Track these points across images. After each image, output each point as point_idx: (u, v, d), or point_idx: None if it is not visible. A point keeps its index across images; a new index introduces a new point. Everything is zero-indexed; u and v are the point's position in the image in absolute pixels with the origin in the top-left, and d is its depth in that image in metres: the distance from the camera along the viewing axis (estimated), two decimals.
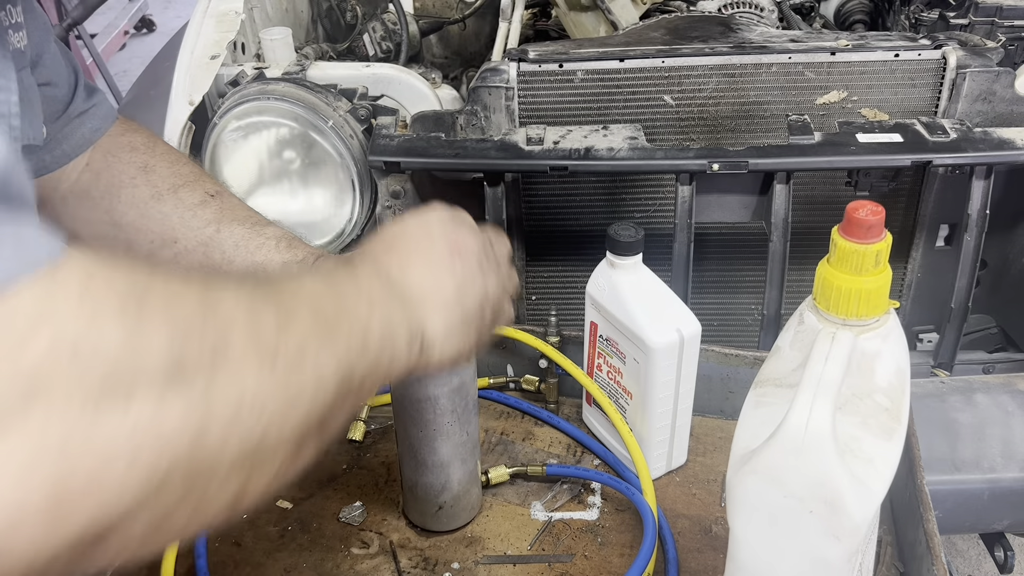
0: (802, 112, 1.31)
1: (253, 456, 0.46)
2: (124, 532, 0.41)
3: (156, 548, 0.45)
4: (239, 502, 0.47)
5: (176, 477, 0.41)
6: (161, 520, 0.42)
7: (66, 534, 0.38)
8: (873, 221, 0.61)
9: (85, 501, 0.38)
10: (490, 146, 1.28)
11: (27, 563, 0.37)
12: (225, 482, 0.45)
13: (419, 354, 0.64)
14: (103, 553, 0.41)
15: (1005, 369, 1.39)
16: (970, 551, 2.10)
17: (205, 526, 0.46)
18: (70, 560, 0.39)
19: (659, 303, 0.93)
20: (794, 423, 0.59)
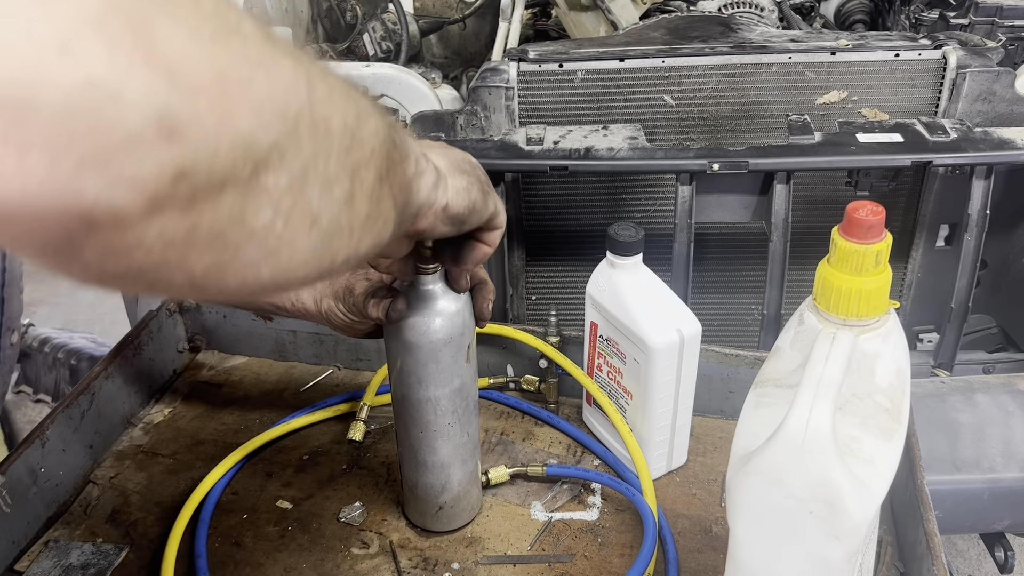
0: (802, 112, 1.31)
1: (352, 139, 0.44)
2: (274, 169, 0.37)
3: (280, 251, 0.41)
4: (350, 205, 0.44)
5: (303, 127, 0.39)
6: (298, 186, 0.39)
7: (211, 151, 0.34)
8: (873, 221, 0.61)
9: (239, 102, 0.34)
10: (490, 146, 1.28)
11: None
12: (338, 159, 0.42)
13: (435, 177, 0.61)
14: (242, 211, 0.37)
15: (1005, 369, 1.39)
16: (970, 551, 2.10)
17: (324, 236, 0.43)
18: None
19: (659, 303, 0.93)
20: (794, 423, 0.59)
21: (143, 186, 0.32)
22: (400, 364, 0.81)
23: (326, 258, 0.45)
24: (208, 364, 1.19)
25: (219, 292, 0.41)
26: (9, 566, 0.88)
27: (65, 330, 2.18)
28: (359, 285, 0.82)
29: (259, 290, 0.42)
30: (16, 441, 1.93)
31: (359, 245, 0.48)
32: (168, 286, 0.38)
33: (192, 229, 0.36)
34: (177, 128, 0.32)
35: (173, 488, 0.98)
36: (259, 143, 0.36)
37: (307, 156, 0.40)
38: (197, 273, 0.38)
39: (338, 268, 0.47)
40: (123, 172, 0.31)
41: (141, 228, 0.34)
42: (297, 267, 0.43)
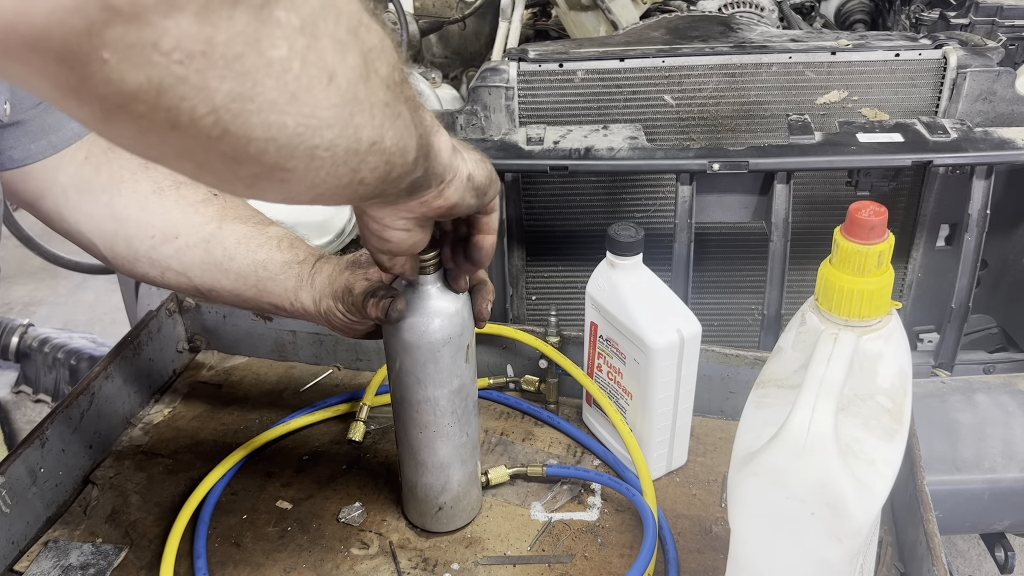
0: (802, 112, 1.31)
1: (359, 23, 0.45)
2: (285, 6, 0.39)
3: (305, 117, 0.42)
4: (366, 81, 0.46)
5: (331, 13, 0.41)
6: (309, 31, 0.41)
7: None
8: (876, 222, 0.60)
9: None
10: (490, 146, 1.28)
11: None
12: (348, 29, 0.44)
13: (452, 145, 0.61)
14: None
15: (1006, 369, 1.39)
16: (971, 551, 2.10)
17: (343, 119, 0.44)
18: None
19: (659, 303, 0.93)
20: (796, 424, 0.59)
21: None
22: (399, 364, 0.81)
23: (349, 129, 0.45)
24: (208, 364, 1.19)
25: (246, 141, 0.41)
26: (9, 566, 0.88)
27: (65, 330, 2.17)
28: (358, 285, 0.82)
29: (288, 151, 0.43)
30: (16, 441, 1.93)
31: (382, 131, 0.48)
32: (191, 119, 0.38)
33: (209, 42, 0.36)
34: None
35: (173, 488, 0.97)
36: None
37: (316, 7, 0.41)
38: (219, 102, 0.38)
39: (364, 154, 0.48)
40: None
41: (158, 23, 0.34)
42: (322, 126, 0.43)
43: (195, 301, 1.16)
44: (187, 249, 0.87)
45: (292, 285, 0.86)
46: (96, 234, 0.88)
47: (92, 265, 2.42)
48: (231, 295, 0.89)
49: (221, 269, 0.87)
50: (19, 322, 2.09)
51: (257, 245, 0.87)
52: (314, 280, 0.86)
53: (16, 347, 2.04)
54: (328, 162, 0.46)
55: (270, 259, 0.87)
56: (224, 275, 0.88)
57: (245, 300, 0.89)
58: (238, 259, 0.87)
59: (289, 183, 0.45)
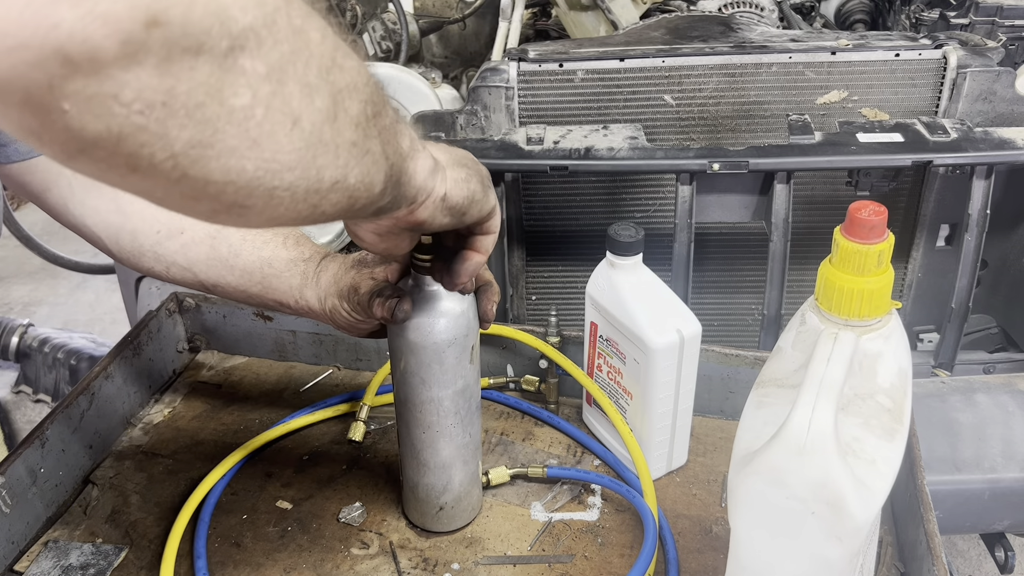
0: (802, 112, 1.31)
1: (332, 62, 0.45)
2: (251, 54, 0.39)
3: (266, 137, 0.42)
4: (333, 123, 0.46)
5: (281, 23, 0.41)
6: (276, 78, 0.41)
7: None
8: (876, 221, 0.60)
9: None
10: (490, 146, 1.28)
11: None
12: (319, 72, 0.44)
13: (432, 164, 0.61)
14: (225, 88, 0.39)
15: (1006, 369, 1.39)
16: (971, 551, 2.10)
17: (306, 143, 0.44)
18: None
19: (659, 303, 0.93)
20: (796, 424, 0.59)
21: (117, 23, 0.33)
22: (404, 364, 0.81)
23: (311, 171, 0.45)
24: (208, 364, 1.19)
25: (204, 183, 0.41)
26: (9, 566, 0.88)
27: (65, 330, 2.17)
28: (364, 284, 0.82)
29: (247, 191, 0.43)
30: (16, 441, 1.93)
31: (346, 171, 0.48)
32: (150, 164, 0.39)
33: (170, 92, 0.37)
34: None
35: (173, 488, 0.97)
36: (235, 19, 0.38)
37: (285, 52, 0.41)
38: (178, 149, 0.39)
39: (326, 191, 0.48)
40: (96, 6, 0.33)
41: (118, 76, 0.35)
42: (282, 170, 0.44)
43: (195, 301, 1.16)
44: (192, 244, 0.87)
45: (297, 283, 0.86)
46: (101, 228, 0.88)
47: (92, 265, 2.42)
48: (236, 291, 0.89)
49: (226, 265, 0.87)
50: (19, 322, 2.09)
51: (263, 242, 0.87)
52: (319, 278, 0.86)
53: (16, 347, 2.04)
54: (287, 200, 0.46)
55: (275, 256, 0.87)
56: (229, 271, 0.88)
57: (250, 296, 0.89)
58: (243, 255, 0.87)
59: (247, 217, 0.46)
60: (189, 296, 1.16)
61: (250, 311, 1.15)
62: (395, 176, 0.55)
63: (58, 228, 0.93)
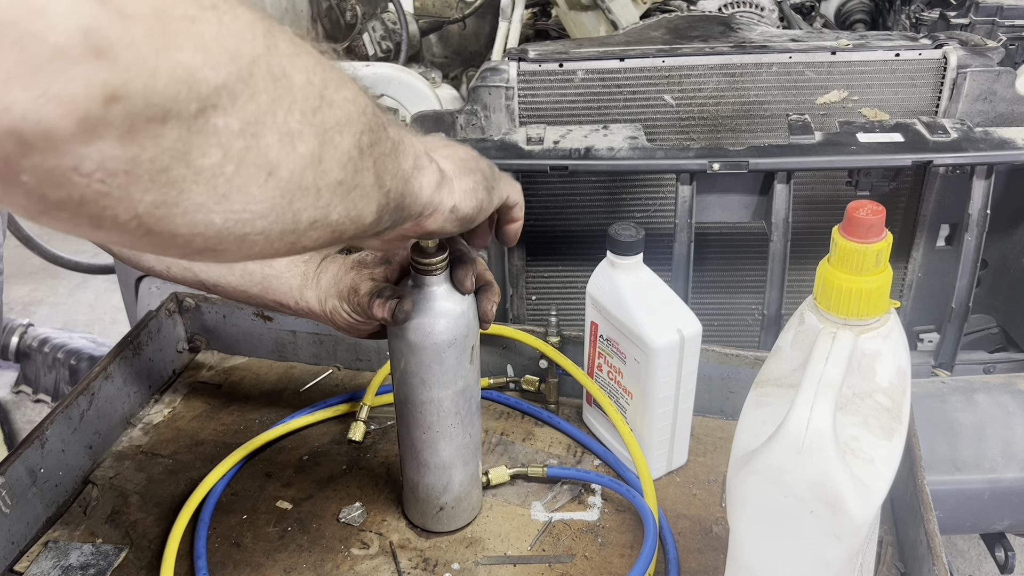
0: (802, 112, 1.31)
1: (320, 100, 0.44)
2: (224, 111, 0.38)
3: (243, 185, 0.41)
4: (316, 166, 0.45)
5: (259, 74, 0.40)
6: (251, 132, 0.40)
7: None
8: (874, 221, 0.60)
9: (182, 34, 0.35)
10: (490, 146, 1.28)
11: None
12: (303, 115, 0.43)
13: (439, 178, 0.61)
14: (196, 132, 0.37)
15: (1006, 369, 1.39)
16: (971, 551, 2.10)
17: (289, 178, 0.43)
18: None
19: (660, 303, 0.93)
20: (795, 423, 0.59)
21: (73, 104, 0.33)
22: (404, 365, 0.81)
23: (287, 215, 0.44)
24: (208, 364, 1.19)
25: (171, 237, 0.41)
26: (8, 567, 0.88)
27: (65, 330, 2.18)
28: (364, 285, 0.82)
29: (216, 241, 0.42)
30: (16, 441, 1.93)
31: (328, 210, 0.47)
32: (114, 223, 0.38)
33: (133, 161, 0.36)
34: (106, 48, 0.33)
35: (173, 488, 0.98)
36: (206, 80, 0.37)
37: (263, 104, 0.40)
38: (142, 210, 0.38)
39: (304, 231, 0.47)
40: (50, 87, 0.32)
41: (77, 151, 0.34)
42: (254, 219, 0.42)
43: (195, 301, 1.16)
44: None
45: (297, 284, 0.87)
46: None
47: (92, 265, 2.42)
48: (236, 291, 0.89)
49: (226, 265, 0.87)
50: (19, 322, 2.09)
51: None
52: (319, 279, 0.86)
53: (16, 347, 2.04)
54: (261, 242, 0.45)
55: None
56: (229, 271, 0.88)
57: (250, 296, 0.89)
58: None
59: (220, 258, 0.45)
60: (189, 296, 1.16)
61: (250, 311, 1.15)
62: (393, 201, 0.54)
63: None
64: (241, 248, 0.44)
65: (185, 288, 0.95)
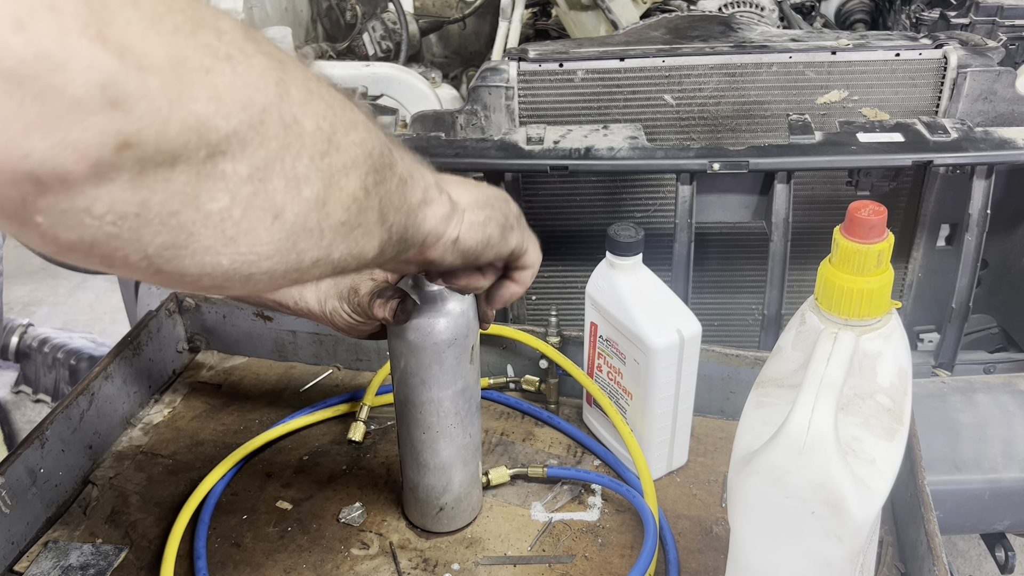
0: (803, 111, 1.31)
1: (328, 144, 0.45)
2: (233, 157, 0.39)
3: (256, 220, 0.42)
4: (321, 208, 0.46)
5: (270, 121, 0.41)
6: (260, 177, 0.41)
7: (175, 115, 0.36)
8: (875, 221, 0.60)
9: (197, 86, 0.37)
10: (490, 146, 1.28)
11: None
12: (310, 160, 0.44)
13: (448, 209, 0.61)
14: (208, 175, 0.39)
15: (1006, 369, 1.39)
16: (971, 551, 2.10)
17: (298, 216, 0.44)
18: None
19: (659, 304, 0.93)
20: (796, 424, 0.59)
21: (87, 150, 0.34)
22: (404, 365, 0.81)
23: (291, 255, 0.45)
24: (208, 364, 1.19)
25: (179, 276, 0.42)
26: (8, 567, 0.88)
27: (65, 330, 2.18)
28: (364, 285, 0.82)
29: (223, 280, 0.43)
30: (15, 441, 1.93)
31: (330, 250, 0.48)
32: (124, 263, 0.39)
33: (143, 204, 0.37)
34: (122, 99, 0.34)
35: (173, 488, 0.97)
36: (216, 128, 0.38)
37: (272, 150, 0.41)
38: (152, 252, 0.39)
39: (307, 269, 0.48)
40: (67, 136, 0.33)
41: (89, 194, 0.35)
42: (259, 260, 0.44)
43: (195, 301, 1.16)
44: None
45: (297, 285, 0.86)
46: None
47: None
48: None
49: None
50: (19, 322, 2.10)
51: None
52: (319, 280, 0.86)
53: (16, 347, 2.04)
54: (265, 280, 0.46)
55: None
56: None
57: (249, 295, 0.89)
58: None
59: (225, 292, 0.46)
60: (189, 296, 1.16)
61: (250, 311, 1.15)
62: (396, 235, 0.55)
63: None
64: (246, 286, 0.45)
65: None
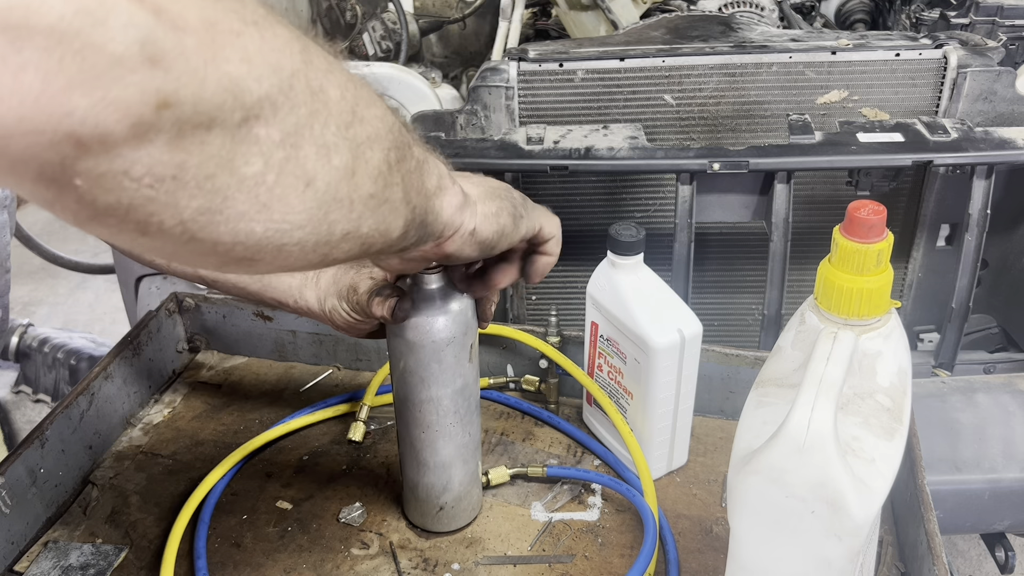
0: (803, 111, 1.31)
1: (353, 116, 0.46)
2: (266, 121, 0.40)
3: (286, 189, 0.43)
4: (350, 178, 0.46)
5: (299, 87, 0.41)
6: (291, 143, 0.41)
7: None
8: (875, 221, 0.60)
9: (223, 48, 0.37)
10: (490, 145, 1.28)
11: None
12: (337, 129, 0.44)
13: (462, 200, 0.61)
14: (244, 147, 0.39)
15: (1006, 369, 1.39)
16: (971, 551, 2.10)
17: (329, 184, 0.45)
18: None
19: (660, 303, 0.93)
20: (796, 423, 0.59)
21: (128, 109, 0.34)
22: (403, 364, 0.81)
23: (322, 227, 0.46)
24: (208, 364, 1.19)
25: (213, 244, 0.42)
26: (9, 567, 0.88)
27: (64, 330, 2.17)
28: (363, 284, 0.82)
29: (255, 249, 0.44)
30: (15, 441, 1.93)
31: (359, 223, 0.48)
32: (160, 229, 0.39)
33: (181, 167, 0.37)
34: (160, 57, 0.34)
35: (173, 488, 0.97)
36: (249, 91, 0.38)
37: (302, 116, 0.42)
38: (187, 216, 0.39)
39: (337, 243, 0.48)
40: (108, 93, 0.33)
41: (128, 155, 0.35)
42: (292, 229, 0.44)
43: (195, 301, 1.16)
44: None
45: (297, 283, 0.87)
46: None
47: (92, 265, 2.42)
48: (235, 287, 0.89)
49: None
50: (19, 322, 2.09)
51: None
52: (319, 279, 0.86)
53: (16, 347, 2.04)
54: (296, 252, 0.46)
55: None
56: None
57: (249, 294, 0.89)
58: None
59: (256, 268, 0.46)
60: (189, 296, 1.16)
61: (250, 311, 1.15)
62: (419, 217, 0.55)
63: (58, 227, 0.93)
64: (277, 258, 0.46)
65: (185, 287, 0.95)
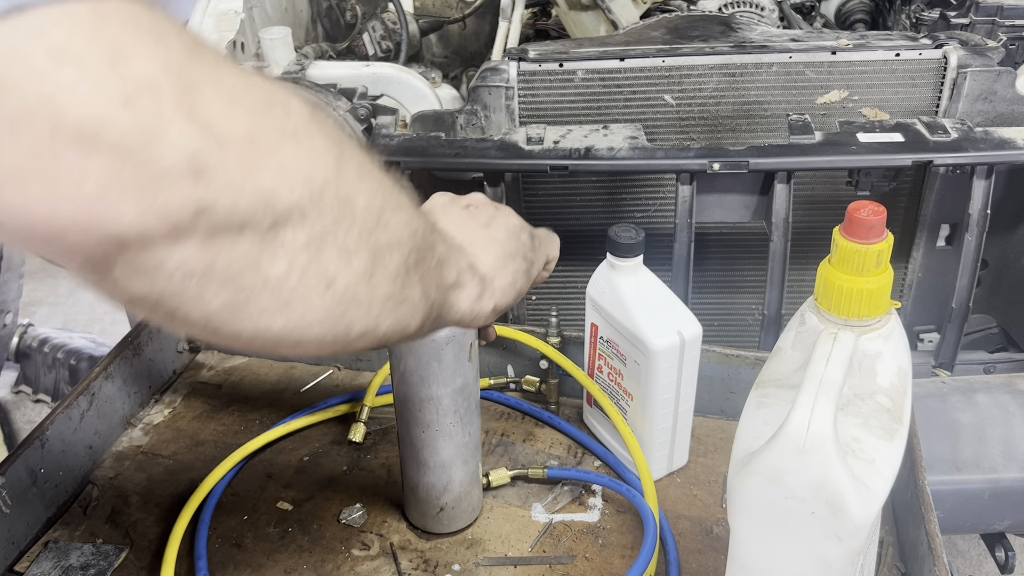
0: (803, 111, 1.31)
1: (377, 222, 0.48)
2: (294, 227, 0.42)
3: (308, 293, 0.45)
4: (369, 280, 0.48)
5: (328, 196, 0.44)
6: (315, 247, 0.44)
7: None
8: (875, 221, 0.60)
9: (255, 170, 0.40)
10: (490, 146, 1.28)
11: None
12: (360, 235, 0.47)
13: (479, 290, 0.63)
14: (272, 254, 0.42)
15: (1006, 369, 1.39)
16: (971, 551, 2.10)
17: (347, 288, 0.47)
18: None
19: (660, 305, 0.93)
20: (796, 424, 0.59)
21: (168, 215, 0.38)
22: (403, 363, 0.81)
23: (340, 325, 0.48)
24: (208, 364, 1.19)
25: (234, 336, 0.45)
26: (9, 567, 0.88)
27: (65, 330, 2.17)
28: None
29: (273, 342, 0.46)
30: (16, 441, 1.93)
31: (378, 322, 0.51)
32: (185, 319, 0.43)
33: (210, 264, 0.40)
34: (204, 170, 0.38)
35: (173, 489, 0.97)
36: (281, 199, 0.42)
37: (328, 223, 0.44)
38: (212, 310, 0.42)
39: (354, 341, 0.50)
40: (155, 202, 0.37)
41: (164, 252, 0.39)
42: (310, 325, 0.46)
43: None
44: None
45: None
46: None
47: None
48: None
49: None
50: (19, 322, 2.09)
51: None
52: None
53: (16, 347, 2.04)
54: (313, 346, 0.48)
55: None
56: None
57: None
58: None
59: (274, 355, 0.49)
60: None
61: None
62: (435, 311, 0.57)
63: None
64: (295, 350, 0.48)
65: None
